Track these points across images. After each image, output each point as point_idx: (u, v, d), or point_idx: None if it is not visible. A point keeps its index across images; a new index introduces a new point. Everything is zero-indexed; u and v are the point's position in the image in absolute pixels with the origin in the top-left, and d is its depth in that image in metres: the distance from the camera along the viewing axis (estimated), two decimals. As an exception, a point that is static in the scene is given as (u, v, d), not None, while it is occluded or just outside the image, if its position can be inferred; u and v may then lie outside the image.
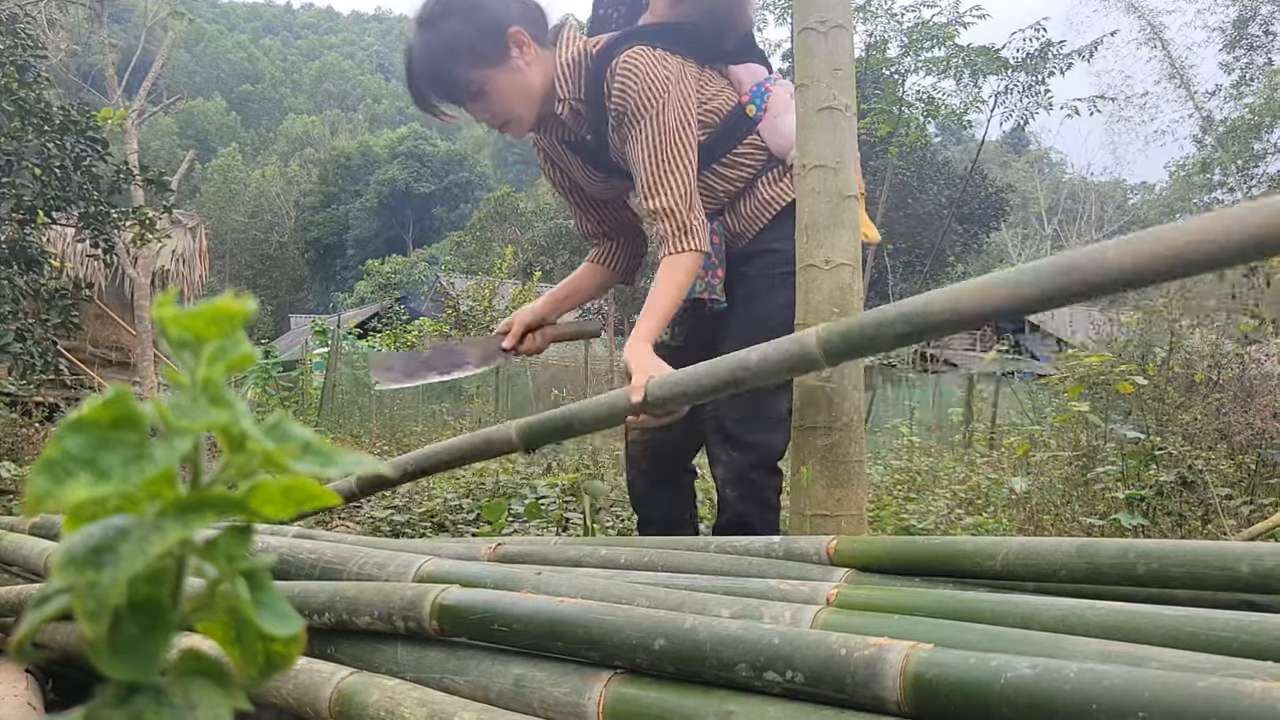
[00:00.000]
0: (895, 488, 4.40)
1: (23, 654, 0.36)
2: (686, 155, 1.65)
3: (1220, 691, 0.58)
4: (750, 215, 1.82)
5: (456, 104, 1.74)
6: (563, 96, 1.73)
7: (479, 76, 1.67)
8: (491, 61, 1.67)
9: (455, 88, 1.69)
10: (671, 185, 1.64)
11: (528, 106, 1.73)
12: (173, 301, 0.33)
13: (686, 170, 1.65)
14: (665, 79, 1.65)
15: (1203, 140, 27.93)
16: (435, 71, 1.69)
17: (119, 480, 0.30)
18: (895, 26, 9.72)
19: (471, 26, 1.66)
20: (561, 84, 1.72)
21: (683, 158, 1.65)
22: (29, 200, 4.72)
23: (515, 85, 1.70)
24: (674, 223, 1.63)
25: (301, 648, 0.34)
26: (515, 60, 1.68)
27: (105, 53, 13.56)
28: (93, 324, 11.35)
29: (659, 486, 1.97)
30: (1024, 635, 0.82)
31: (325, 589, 1.10)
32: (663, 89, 1.64)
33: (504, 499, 3.34)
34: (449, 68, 1.67)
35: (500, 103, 1.71)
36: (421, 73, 1.70)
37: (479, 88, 1.69)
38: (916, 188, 16.42)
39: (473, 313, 13.52)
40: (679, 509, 1.97)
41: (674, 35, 1.71)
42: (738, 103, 1.80)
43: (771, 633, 0.78)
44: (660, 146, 1.64)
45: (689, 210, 1.64)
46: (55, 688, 1.47)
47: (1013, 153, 46.57)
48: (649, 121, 1.64)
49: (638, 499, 1.99)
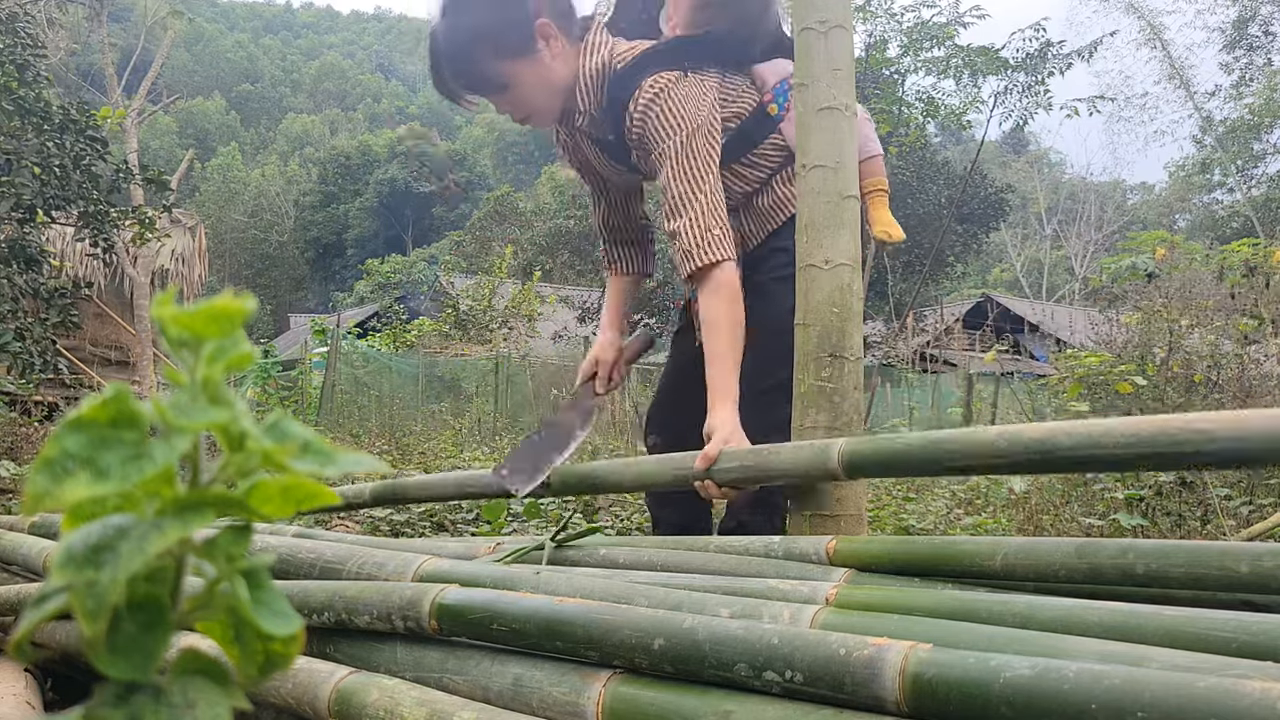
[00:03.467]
0: (895, 488, 4.39)
1: (22, 653, 0.36)
2: (709, 176, 1.62)
3: (1220, 692, 0.58)
4: (765, 212, 1.81)
5: (480, 96, 1.70)
6: (583, 108, 1.70)
7: (505, 69, 1.63)
8: (518, 54, 1.62)
9: (479, 80, 1.65)
10: (695, 208, 1.60)
11: (552, 100, 1.70)
12: (172, 301, 0.33)
13: (710, 192, 1.61)
14: (692, 108, 1.62)
15: (1202, 141, 27.95)
16: (460, 62, 1.64)
17: (118, 479, 0.30)
18: (895, 26, 9.72)
19: (499, 17, 1.62)
20: (583, 94, 1.69)
21: (705, 179, 1.61)
22: (28, 199, 4.72)
23: (541, 79, 1.66)
24: (692, 238, 1.59)
25: (300, 647, 0.34)
26: (542, 54, 1.64)
27: (105, 52, 13.56)
28: (92, 323, 11.35)
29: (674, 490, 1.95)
30: (1023, 635, 0.82)
31: (324, 588, 1.10)
32: (690, 117, 1.61)
33: (503, 499, 3.34)
34: (474, 59, 1.62)
35: (525, 96, 1.67)
36: (446, 62, 1.64)
37: (504, 81, 1.64)
38: (916, 188, 16.42)
39: (472, 312, 13.51)
40: (693, 515, 1.93)
41: (699, 50, 1.68)
42: (759, 103, 1.78)
43: (770, 633, 0.78)
44: (685, 171, 1.60)
45: (707, 227, 1.59)
46: (54, 687, 1.47)
47: (1012, 153, 46.58)
48: (674, 146, 1.61)
49: (653, 500, 1.98)
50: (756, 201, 1.82)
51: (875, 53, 9.62)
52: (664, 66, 1.64)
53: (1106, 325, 4.74)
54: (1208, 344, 4.00)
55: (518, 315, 13.35)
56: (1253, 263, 4.84)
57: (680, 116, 1.61)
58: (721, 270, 1.58)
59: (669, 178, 1.62)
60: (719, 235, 1.58)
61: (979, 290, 29.68)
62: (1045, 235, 40.40)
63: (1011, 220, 31.26)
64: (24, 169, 4.76)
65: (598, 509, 3.46)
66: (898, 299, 14.58)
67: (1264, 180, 25.30)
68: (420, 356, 12.19)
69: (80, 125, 4.96)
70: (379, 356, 11.74)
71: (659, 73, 1.62)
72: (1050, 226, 40.10)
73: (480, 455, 5.02)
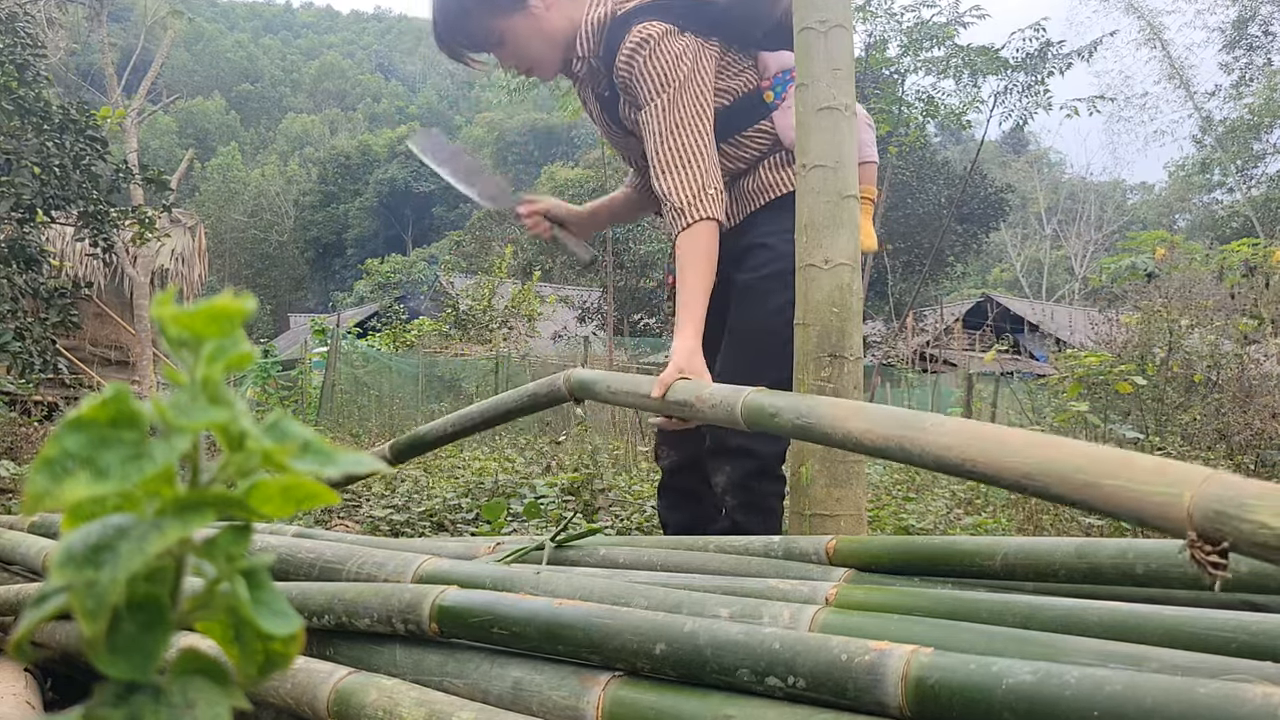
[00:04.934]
0: (894, 487, 4.39)
1: (22, 653, 0.36)
2: (700, 139, 1.63)
3: (1220, 698, 0.58)
4: (748, 195, 1.81)
5: (477, 51, 1.76)
6: (582, 54, 1.73)
7: (498, 26, 1.70)
8: (509, 10, 1.69)
9: (475, 37, 1.72)
10: (682, 169, 1.62)
11: (551, 51, 1.74)
12: (172, 300, 0.33)
13: (699, 154, 1.62)
14: (676, 60, 1.63)
15: (1202, 140, 27.96)
16: (455, 22, 1.71)
17: (118, 479, 0.30)
18: (895, 26, 9.72)
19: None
20: (583, 41, 1.72)
21: (696, 141, 1.63)
22: (28, 199, 4.72)
23: (535, 31, 1.71)
24: (683, 197, 1.60)
25: (300, 647, 0.34)
26: (535, 7, 1.69)
27: (105, 51, 13.56)
28: (92, 323, 11.35)
29: (682, 497, 1.94)
30: (1023, 635, 0.82)
31: (324, 591, 1.10)
32: (673, 72, 1.63)
33: (503, 499, 3.34)
34: (468, 18, 1.70)
35: (522, 48, 1.73)
36: (443, 24, 1.72)
37: (499, 37, 1.71)
38: (916, 188, 16.42)
39: (472, 312, 13.51)
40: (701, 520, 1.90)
41: (699, 14, 1.69)
42: (757, 86, 1.78)
43: (772, 637, 0.78)
44: (669, 130, 1.62)
45: (701, 188, 1.61)
46: (54, 686, 1.47)
47: (1012, 153, 46.58)
48: (659, 105, 1.63)
49: (663, 505, 1.97)
50: (741, 183, 1.82)
51: (875, 53, 9.62)
52: (658, 16, 1.66)
53: (1106, 325, 4.74)
54: (1208, 344, 4.00)
55: (518, 315, 13.35)
56: (1253, 263, 4.84)
57: (669, 71, 1.63)
58: (705, 228, 1.61)
59: (657, 135, 1.63)
60: (714, 196, 1.61)
61: (979, 290, 29.70)
62: (1045, 235, 40.41)
63: (1011, 220, 31.28)
64: (24, 169, 4.76)
65: (598, 509, 3.47)
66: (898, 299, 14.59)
67: (1264, 180, 25.31)
68: (420, 356, 12.19)
69: (80, 125, 4.96)
70: (379, 356, 11.75)
71: (651, 19, 1.65)
72: (1050, 226, 40.12)
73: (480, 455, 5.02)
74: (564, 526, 1.36)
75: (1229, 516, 0.67)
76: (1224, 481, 0.69)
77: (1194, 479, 0.71)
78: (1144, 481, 0.74)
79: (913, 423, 0.99)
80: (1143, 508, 0.74)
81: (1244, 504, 0.67)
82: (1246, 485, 0.68)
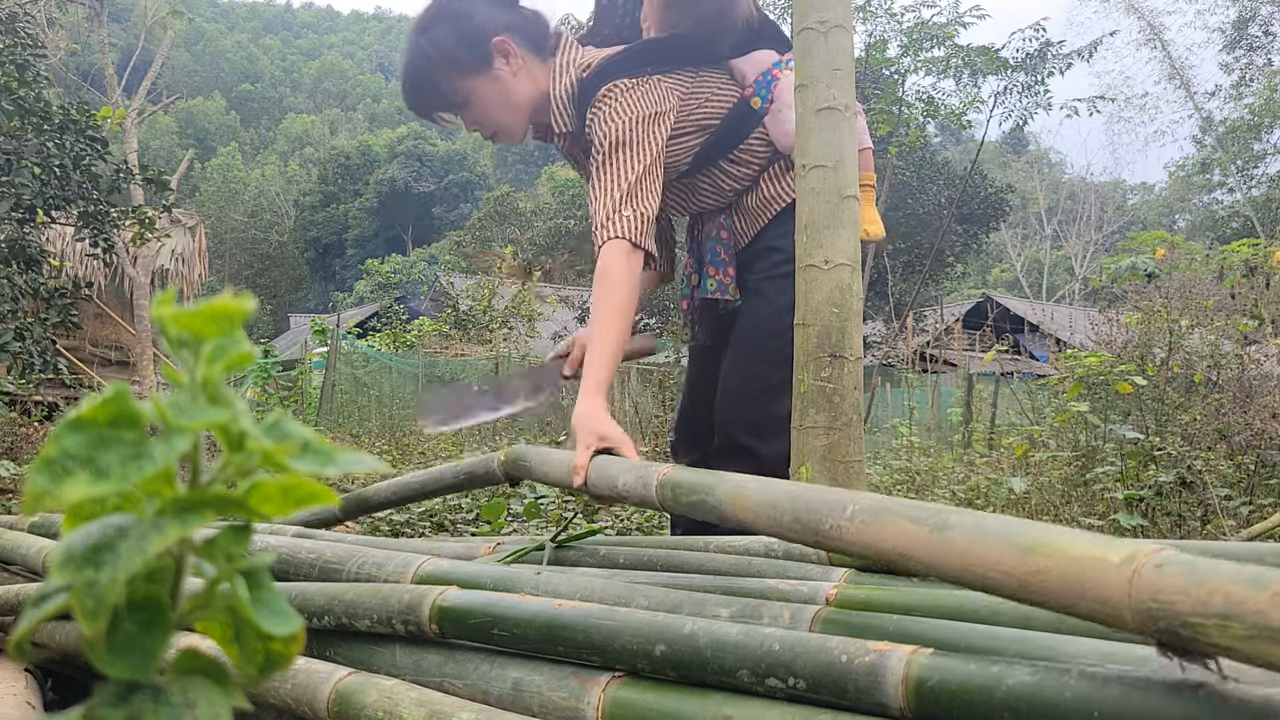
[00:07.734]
0: (895, 488, 4.40)
1: (22, 652, 0.36)
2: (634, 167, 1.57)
3: (1220, 698, 0.58)
4: (755, 211, 1.81)
5: (444, 112, 1.73)
6: (560, 129, 1.72)
7: (463, 86, 1.66)
8: (474, 71, 1.65)
9: (440, 97, 1.69)
10: (607, 192, 1.56)
11: (515, 117, 1.71)
12: (172, 300, 0.33)
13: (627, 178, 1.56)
14: (634, 103, 1.61)
15: (1202, 141, 27.98)
16: (421, 80, 1.68)
17: (118, 479, 0.30)
18: (895, 26, 9.71)
19: (455, 36, 1.65)
20: (557, 118, 1.71)
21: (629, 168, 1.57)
22: (28, 199, 4.72)
23: (499, 95, 1.68)
24: (599, 216, 1.55)
25: (300, 647, 0.34)
26: (499, 70, 1.66)
27: (105, 52, 13.56)
28: (92, 323, 11.35)
29: None
30: (1022, 635, 0.82)
31: (324, 591, 1.10)
32: (626, 111, 1.60)
33: (503, 499, 3.34)
34: (434, 77, 1.67)
35: (485, 112, 1.70)
36: (410, 81, 1.70)
37: (464, 98, 1.67)
38: (916, 188, 16.42)
39: (472, 312, 13.51)
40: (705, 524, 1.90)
41: (662, 52, 1.69)
42: (740, 97, 1.77)
43: (772, 638, 0.78)
44: (608, 155, 1.58)
45: (616, 208, 1.54)
46: (54, 686, 1.47)
47: (1012, 153, 46.56)
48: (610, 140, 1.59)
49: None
50: (746, 200, 1.81)
51: (875, 53, 9.61)
52: (623, 74, 1.64)
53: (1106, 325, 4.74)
54: (1208, 344, 4.00)
55: (518, 315, 13.35)
56: (1253, 263, 4.84)
57: (623, 115, 1.60)
58: (617, 248, 1.51)
59: (596, 162, 1.59)
60: (631, 218, 1.53)
61: (979, 290, 29.70)
62: (1045, 235, 40.42)
63: (1011, 220, 31.27)
64: (24, 169, 4.76)
65: (598, 509, 3.46)
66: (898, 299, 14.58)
67: (1264, 180, 25.31)
68: (420, 356, 12.19)
69: (80, 125, 4.96)
70: (379, 356, 11.74)
71: (616, 79, 1.63)
72: (1050, 226, 40.13)
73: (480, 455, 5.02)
74: (564, 527, 1.36)
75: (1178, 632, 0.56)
76: (1160, 585, 0.57)
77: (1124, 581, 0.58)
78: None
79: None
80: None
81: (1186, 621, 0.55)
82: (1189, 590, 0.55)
